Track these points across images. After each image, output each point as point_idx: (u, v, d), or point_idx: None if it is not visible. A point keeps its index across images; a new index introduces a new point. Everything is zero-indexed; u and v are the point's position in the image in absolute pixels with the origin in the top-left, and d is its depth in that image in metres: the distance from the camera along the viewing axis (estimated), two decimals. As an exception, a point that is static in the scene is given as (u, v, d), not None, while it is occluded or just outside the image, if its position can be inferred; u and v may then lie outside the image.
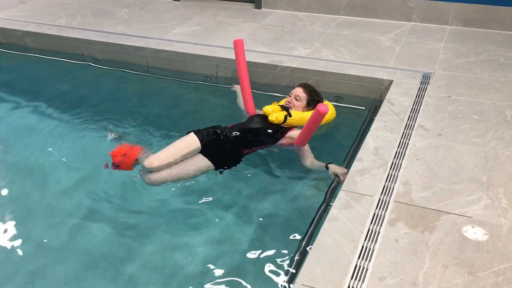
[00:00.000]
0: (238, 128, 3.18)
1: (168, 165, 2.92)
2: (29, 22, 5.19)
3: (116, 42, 4.63)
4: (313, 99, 3.31)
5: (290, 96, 3.34)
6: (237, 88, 3.80)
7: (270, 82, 4.12)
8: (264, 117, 3.25)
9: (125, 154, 3.05)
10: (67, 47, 4.84)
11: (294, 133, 3.17)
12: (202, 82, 4.28)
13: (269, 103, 3.35)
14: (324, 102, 3.43)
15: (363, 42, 4.54)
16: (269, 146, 3.18)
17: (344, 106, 3.81)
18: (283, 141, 3.17)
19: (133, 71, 4.53)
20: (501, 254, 2.03)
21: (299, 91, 3.33)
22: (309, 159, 3.03)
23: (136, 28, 5.00)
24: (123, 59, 4.62)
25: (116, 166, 3.02)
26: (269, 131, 3.17)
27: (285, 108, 3.26)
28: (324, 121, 3.34)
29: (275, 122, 3.18)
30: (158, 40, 4.65)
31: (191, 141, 3.03)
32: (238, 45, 3.54)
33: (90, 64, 4.69)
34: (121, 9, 5.66)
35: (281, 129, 3.20)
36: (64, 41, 4.84)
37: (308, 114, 3.13)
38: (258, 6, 5.66)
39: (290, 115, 3.21)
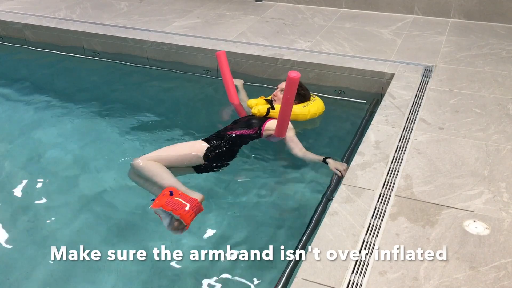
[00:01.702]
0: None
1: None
2: (29, 15, 5.17)
3: (116, 34, 4.61)
4: (299, 92, 3.13)
5: (276, 89, 3.31)
6: (237, 82, 3.77)
7: (271, 76, 4.10)
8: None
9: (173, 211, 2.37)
10: (67, 39, 4.82)
11: (272, 125, 3.05)
12: (202, 75, 4.26)
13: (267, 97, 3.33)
14: (312, 98, 3.40)
15: (364, 35, 4.52)
16: (251, 132, 3.03)
17: (345, 100, 3.80)
18: (266, 133, 3.07)
19: (133, 63, 4.51)
20: (502, 249, 2.03)
21: (284, 84, 3.28)
22: (299, 150, 2.94)
23: (136, 20, 4.97)
24: (123, 51, 4.60)
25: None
26: (252, 121, 3.11)
27: (269, 101, 3.24)
28: (309, 115, 3.29)
29: (258, 115, 3.15)
30: (159, 33, 4.63)
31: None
32: (221, 57, 3.54)
33: (89, 58, 4.68)
34: (121, 1, 5.63)
35: (263, 120, 3.12)
36: (64, 34, 4.82)
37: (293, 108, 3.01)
38: (259, -2, 5.64)
39: (273, 108, 3.17)
